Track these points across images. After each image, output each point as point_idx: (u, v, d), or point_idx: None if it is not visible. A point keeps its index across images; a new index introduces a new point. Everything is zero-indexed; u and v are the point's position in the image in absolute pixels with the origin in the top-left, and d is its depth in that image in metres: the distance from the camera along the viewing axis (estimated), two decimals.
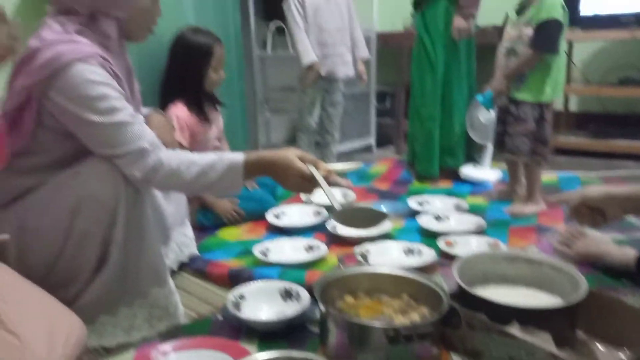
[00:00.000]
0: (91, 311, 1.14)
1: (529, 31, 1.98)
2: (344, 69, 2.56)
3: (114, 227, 1.14)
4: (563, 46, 2.05)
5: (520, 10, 2.07)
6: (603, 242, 1.57)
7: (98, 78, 1.08)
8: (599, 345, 1.09)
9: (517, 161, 2.16)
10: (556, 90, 2.07)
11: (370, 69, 3.33)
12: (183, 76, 1.92)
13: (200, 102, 1.95)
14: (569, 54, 3.27)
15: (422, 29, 2.55)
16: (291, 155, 1.19)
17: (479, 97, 2.18)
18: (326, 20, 2.48)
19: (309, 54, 2.45)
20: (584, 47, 3.36)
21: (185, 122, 1.89)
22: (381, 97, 3.56)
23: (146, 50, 1.88)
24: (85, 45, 1.10)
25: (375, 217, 1.22)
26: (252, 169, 1.20)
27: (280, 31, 2.90)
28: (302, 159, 1.19)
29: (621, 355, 1.04)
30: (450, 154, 2.62)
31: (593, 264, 1.50)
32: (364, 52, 2.64)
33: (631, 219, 1.93)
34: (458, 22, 2.39)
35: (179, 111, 1.89)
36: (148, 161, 1.14)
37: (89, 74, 1.07)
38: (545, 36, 1.95)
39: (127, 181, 1.14)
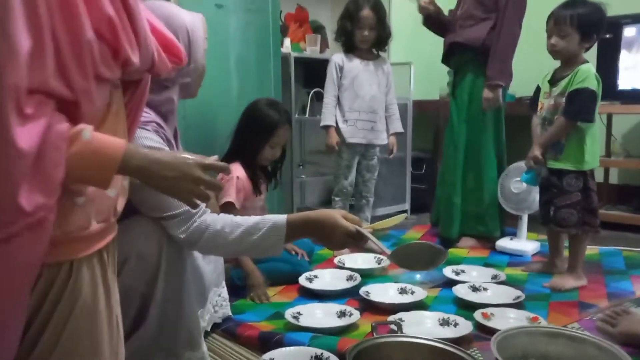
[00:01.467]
0: None
1: (564, 101, 1.99)
2: (373, 137, 2.61)
3: (154, 286, 1.16)
4: (598, 116, 2.04)
5: (553, 81, 2.09)
6: None
7: (152, 144, 1.14)
8: None
9: (562, 233, 2.10)
10: (595, 160, 2.05)
11: (407, 135, 3.37)
12: (243, 142, 1.99)
13: (254, 170, 2.01)
14: (609, 127, 3.25)
15: (451, 98, 2.65)
16: (336, 214, 1.20)
17: (522, 177, 2.18)
18: (362, 87, 2.55)
19: (326, 117, 2.54)
20: (623, 120, 3.34)
21: (243, 184, 1.95)
22: (417, 163, 3.57)
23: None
24: (145, 111, 1.16)
25: (434, 255, 1.19)
26: (295, 229, 1.21)
27: (320, 97, 2.99)
28: (345, 219, 1.20)
29: None
30: (482, 223, 2.61)
31: (638, 345, 1.42)
32: (397, 126, 2.69)
33: None
34: (486, 93, 2.44)
35: (239, 172, 1.96)
36: (193, 223, 1.17)
37: (144, 140, 1.14)
38: (580, 105, 1.96)
39: (170, 240, 1.17)
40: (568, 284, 1.97)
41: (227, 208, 1.86)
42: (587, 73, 1.97)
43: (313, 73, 3.24)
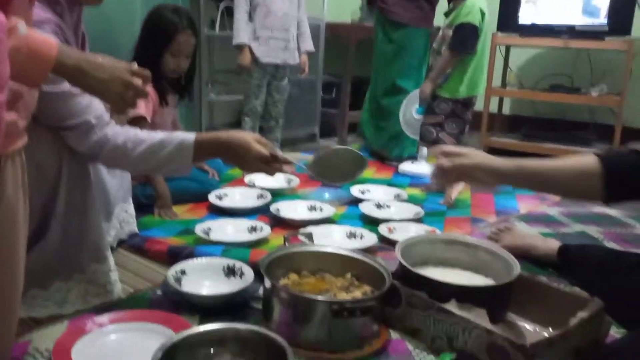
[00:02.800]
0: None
1: (450, 33, 2.12)
2: (287, 56, 2.56)
3: (55, 199, 1.10)
4: (487, 47, 2.22)
5: (447, 13, 2.21)
6: (529, 235, 1.67)
7: None
8: (526, 325, 1.16)
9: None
10: (473, 89, 2.29)
11: (318, 58, 3.34)
12: (144, 51, 1.85)
13: (159, 82, 1.88)
14: (506, 59, 3.43)
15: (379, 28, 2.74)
16: (249, 137, 1.18)
17: (417, 109, 2.33)
18: (274, 2, 2.46)
19: (239, 35, 2.44)
20: (520, 52, 3.53)
21: (150, 96, 1.83)
22: (327, 87, 3.58)
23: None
24: (39, 9, 1.04)
25: (353, 163, 1.20)
26: (204, 150, 1.18)
27: (230, 12, 2.85)
28: (259, 143, 1.19)
29: (545, 333, 1.10)
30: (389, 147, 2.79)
31: (520, 256, 1.58)
32: (309, 44, 2.66)
33: (556, 215, 2.06)
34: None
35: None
36: (93, 136, 1.11)
37: None
38: (461, 38, 2.13)
39: (72, 153, 1.10)
40: (453, 196, 2.13)
41: (138, 122, 1.75)
42: (471, 7, 2.12)
43: None
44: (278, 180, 2.24)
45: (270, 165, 1.21)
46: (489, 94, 3.25)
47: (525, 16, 3.15)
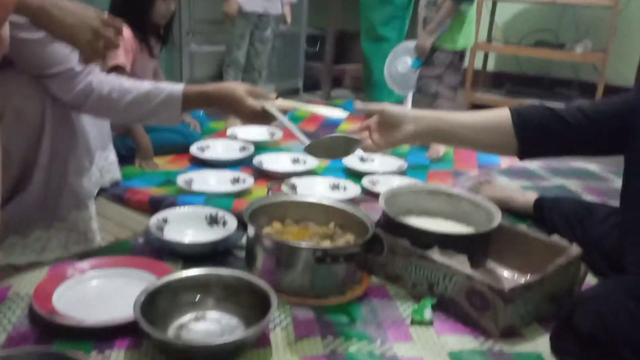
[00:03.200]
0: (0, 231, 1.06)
1: None
2: (269, 5, 2.49)
3: (38, 149, 1.07)
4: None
5: None
6: (508, 188, 1.68)
7: None
8: (506, 273, 1.18)
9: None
10: (469, 40, 2.24)
11: (302, 11, 3.26)
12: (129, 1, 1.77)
13: (145, 31, 1.82)
14: (492, 14, 3.39)
15: None
16: (239, 89, 1.13)
17: (412, 63, 2.28)
18: None
19: None
20: (506, 8, 3.49)
21: (131, 45, 1.77)
22: (312, 40, 3.51)
23: None
24: None
25: (349, 144, 1.20)
26: (192, 102, 1.14)
27: None
28: (252, 94, 1.14)
29: (523, 279, 1.13)
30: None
31: (500, 208, 1.60)
32: None
33: (536, 169, 2.08)
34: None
35: (125, 32, 1.75)
36: (77, 85, 1.08)
37: None
38: None
39: (54, 102, 1.07)
40: (441, 150, 2.15)
41: (116, 72, 1.70)
42: None
43: None
44: (261, 133, 2.22)
45: (263, 118, 1.15)
46: (475, 49, 3.22)
47: None
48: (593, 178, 2.00)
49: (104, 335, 0.88)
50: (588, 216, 1.30)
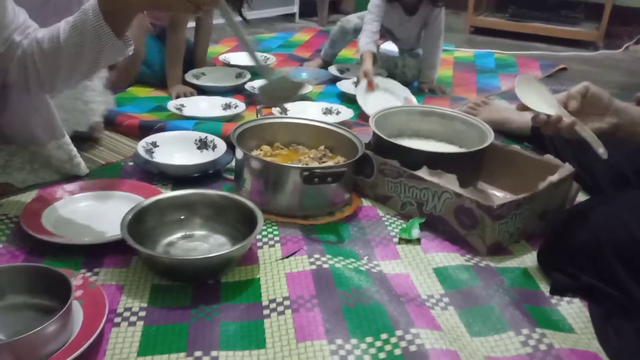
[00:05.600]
0: None
1: None
2: None
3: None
4: None
5: None
6: (505, 109, 1.65)
7: None
8: (497, 193, 1.18)
9: None
10: None
11: None
12: None
13: None
14: None
15: None
16: None
17: None
18: None
19: None
20: None
21: None
22: None
23: None
24: None
25: (294, 88, 1.18)
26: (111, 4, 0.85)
27: None
28: None
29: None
30: None
31: (496, 130, 1.57)
32: None
33: None
34: None
35: None
36: (11, 66, 0.94)
37: None
38: None
39: None
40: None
41: None
42: None
43: None
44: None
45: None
46: None
47: None
48: None
49: (92, 253, 0.89)
50: None
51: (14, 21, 0.93)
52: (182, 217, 0.96)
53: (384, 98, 1.75)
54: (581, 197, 1.12)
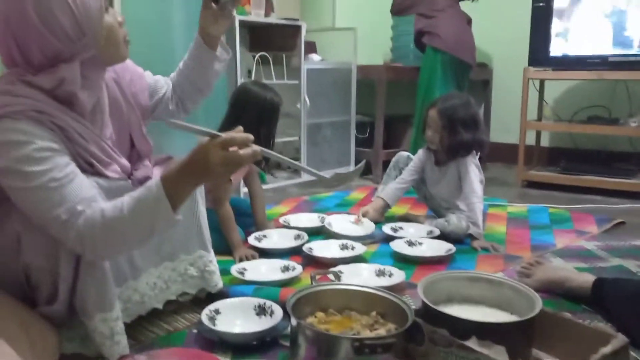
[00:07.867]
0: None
1: None
2: None
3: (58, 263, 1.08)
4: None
5: None
6: (562, 268, 1.65)
7: (22, 138, 1.00)
8: None
9: None
10: None
11: (351, 99, 3.46)
12: (257, 130, 1.90)
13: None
14: (541, 92, 3.42)
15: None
16: (206, 141, 1.03)
17: None
18: None
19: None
20: (555, 85, 3.53)
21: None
22: (361, 127, 3.67)
23: None
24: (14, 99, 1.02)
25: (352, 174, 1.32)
26: (172, 182, 1.03)
27: (264, 60, 3.00)
28: (227, 145, 1.02)
29: None
30: None
31: (553, 291, 1.56)
32: None
33: (594, 249, 2.02)
34: None
35: None
36: (70, 232, 1.03)
37: (11, 133, 1.00)
38: None
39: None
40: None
41: None
42: None
43: (258, 36, 3.24)
44: (311, 220, 2.30)
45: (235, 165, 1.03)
46: (525, 127, 3.25)
47: (557, 49, 3.14)
48: None
49: None
50: None
51: (80, 195, 1.04)
52: None
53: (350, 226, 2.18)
54: None
